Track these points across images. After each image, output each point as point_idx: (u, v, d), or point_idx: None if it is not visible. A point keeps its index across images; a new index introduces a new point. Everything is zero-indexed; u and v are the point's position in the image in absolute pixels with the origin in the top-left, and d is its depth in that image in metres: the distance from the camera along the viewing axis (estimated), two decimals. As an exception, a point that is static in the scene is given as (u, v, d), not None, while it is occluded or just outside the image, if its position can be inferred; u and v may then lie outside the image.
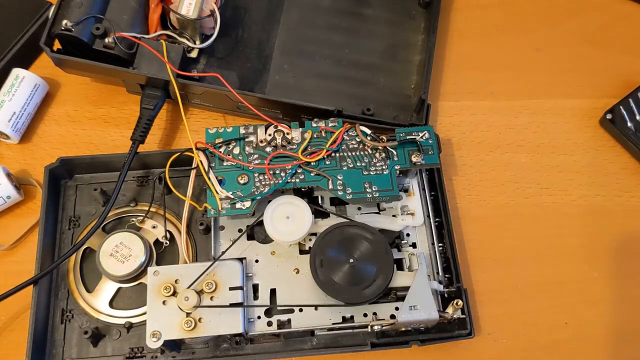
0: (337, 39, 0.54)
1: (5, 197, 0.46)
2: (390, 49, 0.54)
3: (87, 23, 0.46)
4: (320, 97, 0.51)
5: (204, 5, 0.48)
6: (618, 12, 0.57)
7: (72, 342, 0.43)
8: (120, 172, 0.45)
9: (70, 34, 0.45)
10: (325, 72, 0.52)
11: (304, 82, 0.52)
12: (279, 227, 0.42)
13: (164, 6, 0.49)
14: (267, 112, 0.47)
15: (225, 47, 0.52)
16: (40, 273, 0.42)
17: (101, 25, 0.46)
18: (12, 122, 0.49)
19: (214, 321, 0.40)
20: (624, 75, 0.54)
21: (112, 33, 0.46)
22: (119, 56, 0.47)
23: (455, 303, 0.41)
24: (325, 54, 0.53)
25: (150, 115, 0.47)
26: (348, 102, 0.50)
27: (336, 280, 0.41)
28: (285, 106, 0.47)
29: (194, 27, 0.49)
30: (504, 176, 0.51)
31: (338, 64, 0.53)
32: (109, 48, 0.46)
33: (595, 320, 0.46)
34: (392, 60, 0.53)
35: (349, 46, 0.53)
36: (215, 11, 0.49)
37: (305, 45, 0.53)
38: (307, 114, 0.47)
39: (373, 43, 0.54)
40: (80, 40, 0.46)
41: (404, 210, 0.45)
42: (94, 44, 0.46)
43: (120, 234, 0.44)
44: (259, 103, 0.47)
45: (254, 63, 0.52)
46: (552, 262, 0.48)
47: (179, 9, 0.48)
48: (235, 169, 0.44)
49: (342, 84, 0.52)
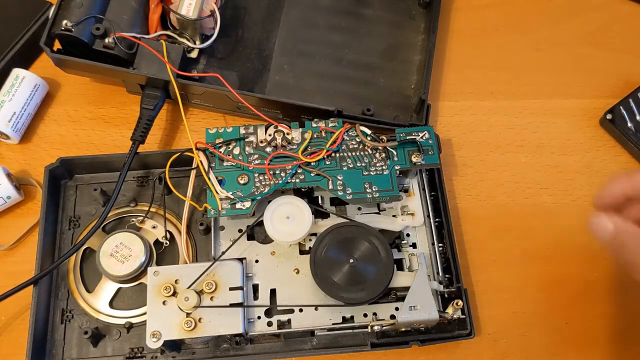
0: (337, 39, 0.54)
1: (5, 197, 0.46)
2: (390, 49, 0.54)
3: (87, 23, 0.46)
4: (320, 97, 0.51)
5: (204, 6, 0.49)
6: (618, 12, 0.57)
7: (72, 342, 0.43)
8: (120, 172, 0.45)
9: (70, 34, 0.46)
10: (325, 72, 0.52)
11: (304, 82, 0.52)
12: (279, 227, 0.42)
13: (164, 6, 0.49)
14: (267, 112, 0.47)
15: (226, 47, 0.52)
16: (40, 273, 0.42)
17: (101, 25, 0.46)
18: (12, 122, 0.49)
19: (214, 321, 0.40)
20: (624, 75, 0.54)
21: (112, 33, 0.46)
22: (119, 56, 0.47)
23: (455, 303, 0.41)
24: (325, 54, 0.53)
25: (150, 116, 0.47)
26: (348, 102, 0.50)
27: (336, 280, 0.41)
28: (285, 106, 0.47)
29: (194, 28, 0.49)
30: (504, 176, 0.51)
31: (338, 64, 0.53)
32: (109, 48, 0.46)
33: (595, 320, 0.46)
34: (392, 60, 0.53)
35: (349, 46, 0.53)
36: (216, 11, 0.49)
37: (305, 46, 0.53)
38: (307, 114, 0.47)
39: (373, 43, 0.54)
40: (81, 40, 0.46)
41: (404, 211, 0.45)
42: (94, 44, 0.47)
43: (120, 234, 0.44)
44: (259, 103, 0.47)
45: (254, 63, 0.52)
46: (552, 262, 0.48)
47: (179, 9, 0.48)
48: (235, 169, 0.44)
49: (342, 84, 0.52)
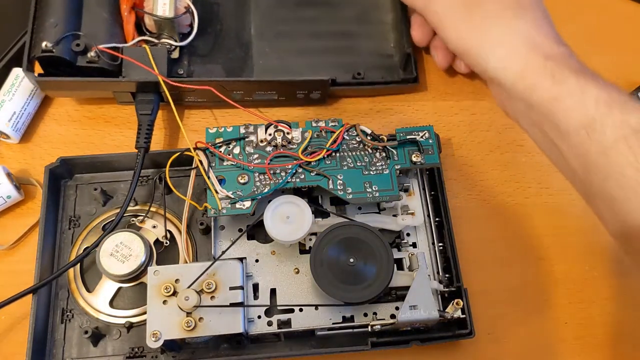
0: (309, 13, 0.54)
1: (5, 197, 0.46)
2: (362, 13, 0.54)
3: (66, 41, 0.45)
4: (309, 72, 0.51)
5: (178, 3, 0.48)
6: (618, 12, 0.57)
7: (72, 342, 0.43)
8: (130, 183, 0.45)
9: (52, 55, 0.45)
10: (307, 48, 0.53)
11: (289, 61, 0.52)
12: (279, 227, 0.42)
13: (138, 11, 0.48)
14: (263, 95, 0.48)
15: (205, 43, 0.52)
16: (39, 282, 0.42)
17: (80, 41, 0.46)
18: (12, 122, 0.49)
19: (214, 321, 0.40)
20: (624, 75, 0.54)
21: (94, 47, 0.45)
22: (105, 68, 0.46)
23: (455, 303, 0.41)
24: (301, 30, 0.53)
25: (149, 120, 0.47)
26: (336, 72, 0.51)
27: (336, 280, 0.41)
28: (279, 85, 0.48)
29: (171, 27, 0.49)
30: (504, 176, 0.51)
31: (317, 38, 0.53)
32: (93, 62, 0.46)
33: (594, 320, 0.46)
34: (367, 23, 0.54)
35: (323, 19, 0.54)
36: (190, 6, 0.49)
37: (280, 26, 0.53)
38: (303, 89, 0.48)
39: (345, 11, 0.54)
40: (64, 59, 0.45)
41: (404, 210, 0.45)
42: (77, 61, 0.46)
43: (120, 234, 0.44)
44: (252, 87, 0.47)
45: (236, 52, 0.52)
46: (552, 262, 0.48)
47: (154, 11, 0.48)
48: (235, 169, 0.44)
49: (325, 56, 0.52)
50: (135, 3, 0.48)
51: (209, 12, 0.53)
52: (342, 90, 0.52)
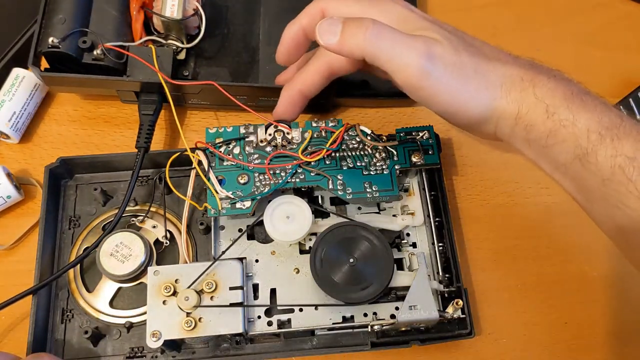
0: None
1: (5, 197, 0.46)
2: None
3: (73, 38, 0.45)
4: None
5: (187, 5, 0.48)
6: (618, 12, 0.57)
7: (72, 342, 0.43)
8: (129, 183, 0.44)
9: (58, 51, 0.45)
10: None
11: None
12: (279, 227, 0.42)
13: (147, 11, 0.48)
14: (267, 101, 0.47)
15: (212, 45, 0.52)
16: (39, 283, 0.42)
17: (87, 38, 0.46)
18: (12, 122, 0.49)
19: (214, 321, 0.40)
20: (624, 75, 0.54)
21: (100, 44, 0.46)
22: (110, 66, 0.46)
23: (455, 303, 0.41)
24: None
25: (151, 121, 0.47)
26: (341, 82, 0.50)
27: (336, 280, 0.41)
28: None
29: (179, 28, 0.49)
30: (504, 176, 0.51)
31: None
32: (98, 60, 0.46)
33: (595, 320, 0.46)
34: None
35: None
36: (199, 9, 0.49)
37: None
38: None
39: None
40: (69, 55, 0.45)
41: (404, 210, 0.45)
42: (83, 58, 0.46)
43: (120, 234, 0.44)
44: (256, 93, 0.47)
45: (243, 56, 0.52)
46: (552, 262, 0.48)
47: (162, 12, 0.47)
48: (235, 169, 0.44)
49: None
50: (145, 2, 0.48)
51: (217, 15, 0.53)
52: (346, 100, 0.52)
